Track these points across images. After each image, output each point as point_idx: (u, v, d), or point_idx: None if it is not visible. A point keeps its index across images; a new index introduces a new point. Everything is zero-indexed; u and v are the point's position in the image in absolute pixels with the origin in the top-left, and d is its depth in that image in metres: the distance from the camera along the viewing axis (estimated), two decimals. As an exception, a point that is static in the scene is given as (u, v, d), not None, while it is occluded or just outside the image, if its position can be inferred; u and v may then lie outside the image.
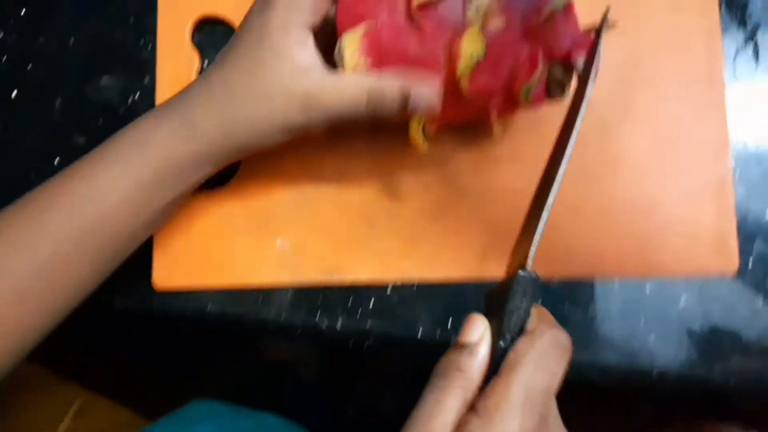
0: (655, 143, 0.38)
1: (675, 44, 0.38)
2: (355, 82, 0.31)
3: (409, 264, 0.39)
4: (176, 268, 0.40)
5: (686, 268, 0.37)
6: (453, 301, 0.39)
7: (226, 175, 0.39)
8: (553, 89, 0.32)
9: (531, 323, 0.25)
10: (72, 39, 0.45)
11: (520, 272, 0.26)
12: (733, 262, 0.37)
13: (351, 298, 0.40)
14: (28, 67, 0.46)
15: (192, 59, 0.42)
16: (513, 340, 0.25)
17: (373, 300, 0.40)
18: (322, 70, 0.31)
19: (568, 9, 0.31)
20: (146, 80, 0.43)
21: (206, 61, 0.43)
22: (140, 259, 0.38)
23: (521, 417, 0.22)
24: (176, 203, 0.35)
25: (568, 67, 0.31)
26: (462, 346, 0.25)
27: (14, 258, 0.32)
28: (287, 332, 0.41)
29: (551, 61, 0.31)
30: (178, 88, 0.41)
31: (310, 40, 0.32)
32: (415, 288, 0.39)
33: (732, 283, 0.38)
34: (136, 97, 0.44)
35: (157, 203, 0.34)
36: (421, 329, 0.39)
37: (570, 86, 0.32)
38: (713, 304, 0.38)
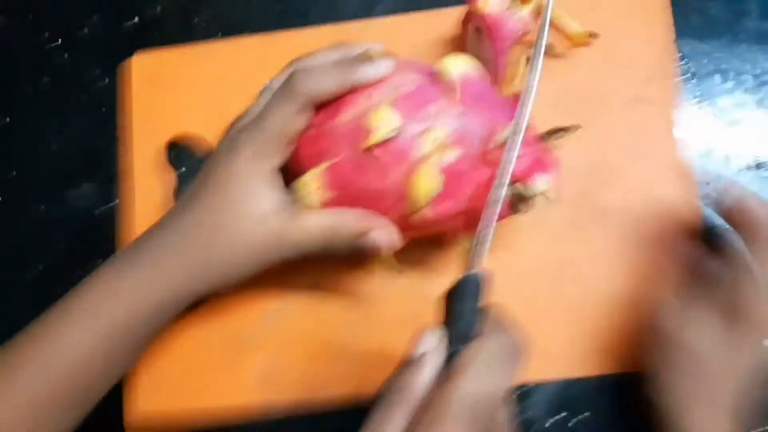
0: (626, 236, 0.38)
1: (641, 136, 0.38)
2: (319, 220, 0.32)
3: (386, 377, 0.38)
4: (154, 397, 0.40)
5: None
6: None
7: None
8: (516, 206, 0.33)
9: (483, 327, 0.25)
10: (54, 146, 0.46)
11: (466, 273, 0.25)
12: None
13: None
14: (12, 174, 0.46)
15: (168, 178, 0.43)
16: (463, 345, 0.24)
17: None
18: (290, 209, 0.32)
19: (529, 135, 0.32)
20: (125, 185, 0.44)
21: (182, 181, 0.43)
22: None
23: (462, 428, 0.22)
24: (147, 343, 0.36)
25: (527, 184, 0.31)
26: (408, 362, 0.24)
27: None
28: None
29: (511, 182, 0.32)
30: (155, 210, 0.42)
31: (277, 182, 0.33)
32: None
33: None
34: (116, 202, 0.44)
35: (128, 347, 0.34)
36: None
37: (533, 201, 0.32)
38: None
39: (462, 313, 0.25)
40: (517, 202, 0.33)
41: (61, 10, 0.47)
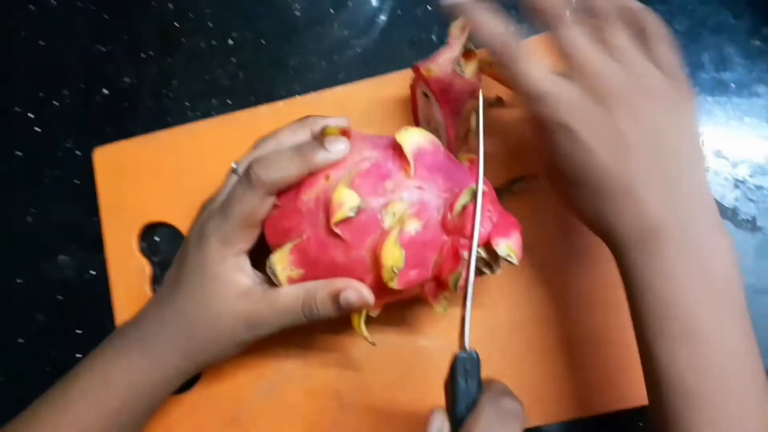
0: (601, 277, 0.39)
1: None
2: (287, 294, 0.33)
3: None
4: None
5: None
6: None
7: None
8: (480, 269, 0.33)
9: (481, 398, 0.27)
10: (28, 219, 0.46)
11: (458, 353, 0.28)
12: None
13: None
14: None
15: (143, 268, 0.43)
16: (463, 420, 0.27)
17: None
18: (261, 288, 0.34)
19: (487, 199, 0.32)
20: (99, 257, 0.44)
21: (156, 264, 0.44)
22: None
23: None
24: (143, 423, 0.37)
25: (490, 248, 0.32)
26: None
27: None
28: None
29: (466, 243, 0.32)
30: (133, 297, 0.42)
31: (246, 264, 0.34)
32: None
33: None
34: (92, 273, 0.45)
35: (125, 425, 0.35)
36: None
37: (499, 263, 0.33)
38: None
39: (460, 392, 0.28)
40: (482, 266, 0.33)
41: (31, 85, 0.48)
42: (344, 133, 0.34)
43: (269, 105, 0.43)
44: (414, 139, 0.33)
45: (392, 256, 0.30)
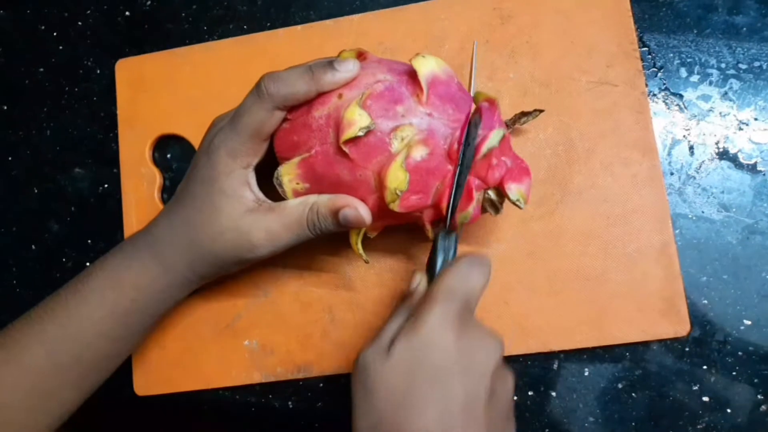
0: (595, 214, 0.39)
1: (606, 117, 0.40)
2: (291, 207, 0.33)
3: None
4: (154, 377, 0.43)
5: (639, 334, 0.38)
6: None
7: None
8: (487, 209, 0.35)
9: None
10: (47, 133, 0.48)
11: (437, 231, 0.34)
12: (684, 324, 0.38)
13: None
14: (7, 159, 0.48)
15: (154, 177, 0.45)
16: None
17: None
18: (265, 206, 0.34)
19: (503, 142, 0.33)
20: (114, 171, 0.46)
21: (167, 178, 0.45)
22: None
23: (440, 306, 0.29)
24: (151, 326, 0.38)
25: (501, 191, 0.34)
26: (408, 293, 0.34)
27: None
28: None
29: (486, 187, 0.34)
30: (143, 206, 0.44)
31: (252, 180, 0.34)
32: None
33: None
34: (105, 186, 0.46)
35: (132, 329, 0.37)
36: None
37: (503, 204, 0.35)
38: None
39: (438, 255, 0.34)
40: (489, 206, 0.35)
41: (57, 5, 0.50)
42: (360, 55, 0.35)
43: (286, 29, 0.44)
44: (429, 66, 0.33)
45: (396, 178, 0.31)
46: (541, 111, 0.39)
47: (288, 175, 0.33)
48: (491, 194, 0.34)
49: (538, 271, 0.40)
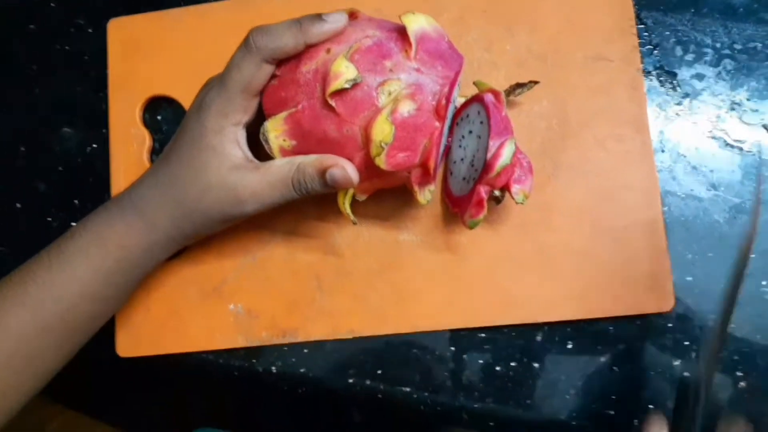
0: (586, 188, 0.39)
1: (600, 93, 0.40)
2: (278, 167, 0.33)
3: (357, 321, 0.40)
4: (137, 339, 0.42)
5: (624, 308, 0.38)
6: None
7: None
8: (490, 203, 0.36)
9: None
10: (37, 91, 0.47)
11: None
12: (669, 299, 0.38)
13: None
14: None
15: (143, 138, 0.44)
16: None
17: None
18: (252, 164, 0.34)
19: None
20: (103, 131, 0.45)
21: (157, 140, 0.45)
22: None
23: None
24: (135, 286, 0.38)
25: (506, 190, 0.35)
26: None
27: None
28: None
29: (492, 190, 0.35)
30: (131, 166, 0.44)
31: (242, 138, 0.34)
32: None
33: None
34: (94, 146, 0.46)
35: (117, 289, 0.36)
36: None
37: (504, 196, 0.36)
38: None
39: None
40: (493, 201, 0.36)
41: (49, -37, 0.49)
42: (352, 14, 0.34)
43: (280, -8, 0.44)
44: (419, 22, 0.33)
45: (382, 131, 0.31)
46: (536, 82, 0.39)
47: (275, 131, 0.33)
48: (497, 194, 0.36)
49: (527, 243, 0.40)
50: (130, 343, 0.42)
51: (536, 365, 0.40)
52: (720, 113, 0.40)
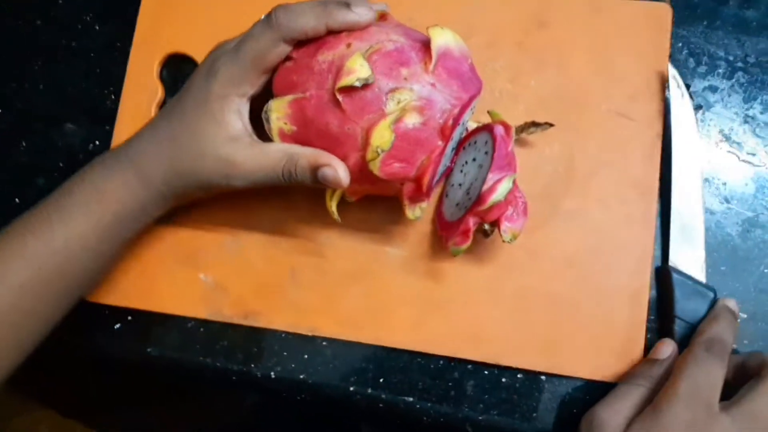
0: (579, 241, 0.38)
1: (614, 149, 0.39)
2: (273, 151, 0.33)
3: (322, 320, 0.40)
4: (106, 287, 0.42)
5: (589, 371, 0.37)
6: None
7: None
8: (478, 235, 0.36)
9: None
10: (41, 86, 0.47)
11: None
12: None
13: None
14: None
15: (156, 91, 0.44)
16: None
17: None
18: (249, 140, 0.34)
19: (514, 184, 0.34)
20: (107, 128, 0.45)
21: (168, 96, 0.45)
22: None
23: (686, 407, 0.30)
24: (128, 242, 0.38)
25: (495, 225, 0.35)
26: (653, 360, 0.35)
27: None
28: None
29: (482, 222, 0.35)
30: (139, 114, 0.43)
31: (245, 110, 0.34)
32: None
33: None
34: (96, 143, 0.45)
35: (114, 244, 0.36)
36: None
37: (493, 231, 0.35)
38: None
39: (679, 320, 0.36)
40: (479, 233, 0.35)
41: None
42: (382, 17, 0.34)
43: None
44: (445, 38, 0.32)
45: (381, 137, 0.31)
46: (551, 125, 0.38)
47: (277, 111, 0.33)
48: (486, 228, 0.35)
49: (508, 283, 0.39)
50: (99, 290, 0.42)
51: (543, 377, 0.38)
52: (733, 126, 0.40)
